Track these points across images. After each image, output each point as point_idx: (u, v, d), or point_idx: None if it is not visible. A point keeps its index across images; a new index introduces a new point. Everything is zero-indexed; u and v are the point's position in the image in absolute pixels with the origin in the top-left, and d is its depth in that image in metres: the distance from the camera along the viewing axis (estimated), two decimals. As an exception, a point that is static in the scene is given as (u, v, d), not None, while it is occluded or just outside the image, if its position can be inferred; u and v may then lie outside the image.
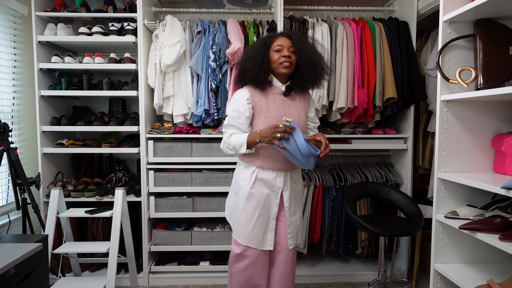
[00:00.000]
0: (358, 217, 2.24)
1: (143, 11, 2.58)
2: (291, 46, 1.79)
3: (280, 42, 1.78)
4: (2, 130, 2.20)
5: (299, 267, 2.87)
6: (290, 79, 1.87)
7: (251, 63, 1.79)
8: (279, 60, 1.77)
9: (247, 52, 1.85)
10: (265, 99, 1.81)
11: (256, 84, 1.80)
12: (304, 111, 1.88)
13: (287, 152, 1.71)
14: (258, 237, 1.84)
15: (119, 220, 2.36)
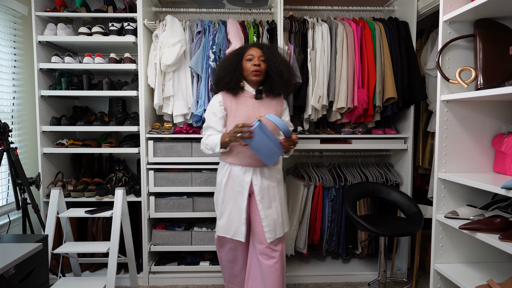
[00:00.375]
0: (358, 217, 2.24)
1: (143, 11, 2.58)
2: (261, 55, 2.01)
3: (252, 52, 2.02)
4: (2, 130, 2.20)
5: (299, 267, 2.87)
6: (262, 85, 2.07)
7: (225, 72, 2.02)
8: (250, 68, 1.99)
9: (222, 62, 2.09)
10: (236, 102, 2.03)
11: (228, 90, 2.04)
12: (275, 113, 2.05)
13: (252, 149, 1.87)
14: (232, 229, 2.05)
15: (119, 220, 2.36)
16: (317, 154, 3.10)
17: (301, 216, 2.81)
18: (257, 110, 2.02)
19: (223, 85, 2.04)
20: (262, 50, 2.02)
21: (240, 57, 2.04)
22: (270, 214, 2.03)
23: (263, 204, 2.03)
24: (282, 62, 2.02)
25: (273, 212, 2.04)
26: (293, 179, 2.92)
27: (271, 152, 1.87)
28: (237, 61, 2.03)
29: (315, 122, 2.97)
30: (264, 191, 2.03)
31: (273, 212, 2.04)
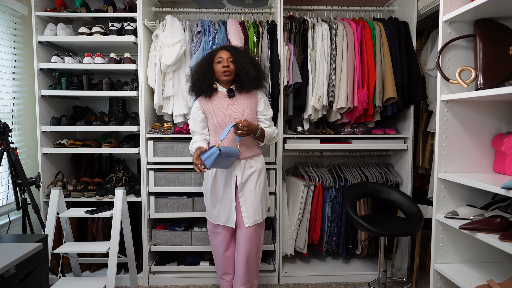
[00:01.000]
0: (358, 217, 2.24)
1: (143, 11, 2.58)
2: (229, 57, 2.18)
3: (221, 55, 2.19)
4: (2, 130, 2.20)
5: (299, 267, 2.87)
6: (233, 83, 2.24)
7: (197, 77, 2.22)
8: (220, 69, 2.17)
9: (194, 68, 2.28)
10: (211, 103, 2.22)
11: (202, 93, 2.23)
12: (249, 107, 2.22)
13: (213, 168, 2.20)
14: (224, 217, 2.26)
15: (119, 220, 2.36)
16: (317, 154, 3.10)
17: (301, 216, 2.81)
18: (231, 107, 2.20)
19: (196, 90, 2.24)
20: (230, 52, 2.20)
21: (211, 61, 2.22)
22: (249, 202, 2.22)
23: (243, 192, 2.23)
24: (249, 62, 2.19)
25: (252, 195, 2.23)
26: (293, 179, 2.92)
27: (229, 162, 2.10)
28: (207, 65, 2.21)
29: (315, 122, 2.97)
30: (245, 181, 2.23)
31: (252, 199, 2.22)
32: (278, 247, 2.74)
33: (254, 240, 2.24)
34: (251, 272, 2.28)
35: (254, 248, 2.24)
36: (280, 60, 2.62)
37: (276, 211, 2.75)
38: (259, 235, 2.28)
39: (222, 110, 2.19)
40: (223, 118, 2.18)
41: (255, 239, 2.25)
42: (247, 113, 2.20)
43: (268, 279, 2.76)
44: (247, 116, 2.19)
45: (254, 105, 2.24)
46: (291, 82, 2.66)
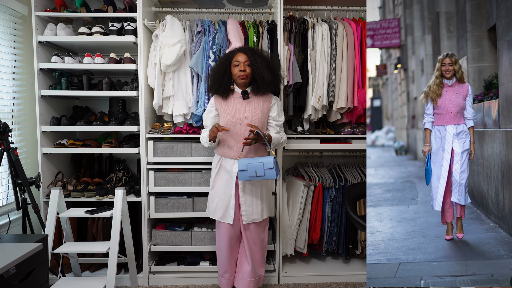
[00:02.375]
0: (358, 217, 2.24)
1: (143, 11, 2.58)
2: (246, 60, 2.23)
3: (238, 58, 2.24)
4: (2, 130, 2.20)
5: (299, 267, 2.87)
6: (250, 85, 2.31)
7: (215, 79, 2.29)
8: (237, 73, 2.23)
9: (213, 69, 2.35)
10: (225, 103, 2.30)
11: (219, 94, 2.31)
12: (260, 110, 2.27)
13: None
14: (220, 212, 2.33)
15: (119, 220, 2.36)
16: (317, 154, 3.10)
17: (301, 216, 2.80)
18: (243, 109, 2.27)
19: (214, 91, 2.33)
20: (247, 55, 2.24)
21: (228, 63, 2.27)
22: (249, 201, 2.30)
23: (244, 192, 2.30)
24: (265, 66, 2.23)
25: (253, 200, 2.31)
26: (293, 179, 2.92)
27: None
28: (225, 67, 2.27)
29: (315, 122, 2.97)
30: (246, 183, 2.29)
31: (252, 200, 2.30)
32: (278, 247, 2.74)
33: (255, 236, 2.35)
34: (256, 266, 2.39)
35: (257, 244, 2.36)
36: (280, 60, 2.62)
37: (276, 211, 2.75)
38: (261, 231, 2.38)
39: (234, 110, 2.27)
40: (233, 118, 2.26)
41: (256, 235, 2.35)
42: (257, 117, 2.26)
43: (268, 279, 2.76)
44: (256, 119, 2.25)
45: (266, 110, 2.31)
46: (291, 82, 2.66)
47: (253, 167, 2.16)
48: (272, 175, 2.17)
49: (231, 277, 2.44)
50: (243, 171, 2.18)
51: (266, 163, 2.17)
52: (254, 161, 2.18)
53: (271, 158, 2.17)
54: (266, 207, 2.38)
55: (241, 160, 2.20)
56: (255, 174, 2.16)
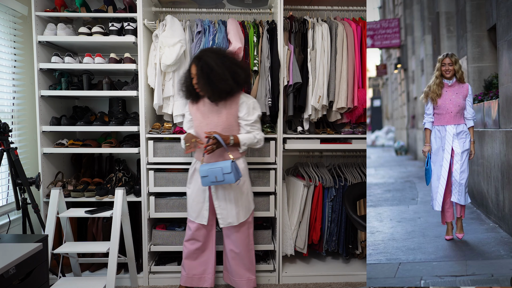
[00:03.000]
0: (358, 217, 2.24)
1: (143, 11, 2.58)
2: (195, 73, 2.22)
3: (192, 70, 2.24)
4: (2, 130, 2.20)
5: (299, 267, 2.87)
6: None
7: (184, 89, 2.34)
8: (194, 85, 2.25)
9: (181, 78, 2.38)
10: (196, 107, 2.35)
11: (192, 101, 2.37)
12: (226, 112, 2.27)
13: None
14: (194, 213, 2.39)
15: (119, 220, 2.36)
16: (317, 154, 3.10)
17: (301, 216, 2.80)
18: (210, 112, 2.30)
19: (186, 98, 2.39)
20: (197, 67, 2.21)
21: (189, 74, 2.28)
22: (223, 204, 2.33)
23: (217, 195, 2.33)
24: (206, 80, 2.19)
25: (227, 203, 2.33)
26: (293, 179, 2.92)
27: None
28: (188, 80, 2.29)
29: (315, 122, 2.97)
30: (219, 186, 2.31)
31: (226, 204, 2.33)
32: (278, 247, 2.74)
33: (242, 238, 2.38)
34: (245, 267, 2.42)
35: (243, 245, 2.39)
36: (280, 60, 2.62)
37: (276, 211, 2.75)
38: (243, 234, 2.39)
39: (202, 114, 2.32)
40: (201, 122, 2.32)
41: (243, 238, 2.39)
42: (223, 119, 2.28)
43: (268, 279, 2.76)
44: (222, 121, 2.27)
45: (234, 110, 2.30)
46: (291, 82, 2.66)
47: (213, 173, 2.18)
48: (230, 179, 2.17)
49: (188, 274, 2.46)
50: (204, 177, 2.21)
51: (224, 167, 2.17)
52: (214, 166, 2.19)
53: (228, 163, 2.17)
54: (242, 210, 2.36)
55: (202, 166, 2.21)
56: (215, 179, 2.18)
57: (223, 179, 2.18)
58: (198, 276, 2.47)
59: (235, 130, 2.32)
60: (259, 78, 2.63)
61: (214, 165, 2.20)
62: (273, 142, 2.71)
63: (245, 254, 2.42)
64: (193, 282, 2.47)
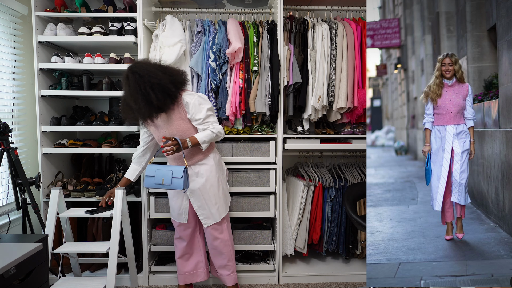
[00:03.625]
0: (358, 217, 2.24)
1: (143, 11, 2.58)
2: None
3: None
4: (2, 130, 2.20)
5: (299, 267, 2.87)
6: None
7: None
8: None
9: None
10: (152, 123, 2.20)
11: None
12: (175, 118, 2.17)
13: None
14: (175, 212, 2.42)
15: (119, 220, 2.36)
16: (317, 154, 3.10)
17: (301, 216, 2.80)
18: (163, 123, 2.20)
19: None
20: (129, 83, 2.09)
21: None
22: (202, 205, 2.32)
23: (194, 197, 2.32)
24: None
25: (204, 203, 2.31)
26: (293, 179, 2.92)
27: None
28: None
29: (315, 122, 2.97)
30: (192, 187, 2.29)
31: (205, 203, 2.31)
32: (278, 247, 2.74)
33: (216, 235, 2.38)
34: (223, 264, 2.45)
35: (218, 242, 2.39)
36: (280, 60, 2.62)
37: (276, 211, 2.75)
38: (220, 230, 2.40)
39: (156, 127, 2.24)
40: (158, 136, 2.27)
41: (216, 234, 2.38)
42: (174, 126, 2.19)
43: (268, 279, 2.76)
44: (175, 128, 2.18)
45: (182, 114, 2.20)
46: (291, 82, 2.66)
47: (160, 174, 2.13)
48: (179, 185, 2.12)
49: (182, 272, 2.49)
50: (149, 177, 2.14)
51: (175, 171, 2.12)
52: (164, 168, 2.15)
53: (181, 168, 2.13)
54: (221, 205, 2.36)
55: (150, 165, 2.17)
56: (162, 181, 2.12)
57: (170, 183, 2.12)
58: (191, 273, 2.51)
59: (193, 132, 2.23)
60: (259, 78, 2.63)
61: (165, 166, 2.19)
62: (273, 142, 2.71)
63: (222, 250, 2.42)
64: (187, 279, 2.51)
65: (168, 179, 2.12)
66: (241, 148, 2.70)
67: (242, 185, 2.72)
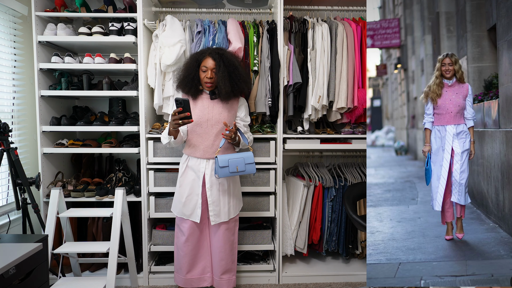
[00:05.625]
0: (358, 217, 2.24)
1: (143, 11, 2.58)
2: (213, 68, 2.23)
3: (206, 64, 2.24)
4: (2, 130, 2.20)
5: (299, 267, 2.87)
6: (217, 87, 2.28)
7: (185, 82, 2.28)
8: (204, 79, 2.25)
9: (183, 70, 2.32)
10: (193, 103, 2.30)
11: (189, 95, 2.32)
12: (227, 110, 2.30)
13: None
14: (188, 210, 2.34)
15: (119, 220, 2.36)
16: (317, 154, 3.10)
17: (301, 216, 2.80)
18: (211, 108, 2.29)
19: (185, 92, 2.32)
20: (216, 61, 2.23)
21: (197, 65, 2.27)
22: (216, 200, 2.32)
23: (212, 191, 2.32)
24: (227, 77, 2.23)
25: (220, 199, 2.33)
26: (293, 179, 2.92)
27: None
28: (194, 70, 2.27)
29: (315, 122, 2.97)
30: (213, 181, 2.31)
31: (219, 199, 2.33)
32: (278, 247, 2.74)
33: (228, 236, 2.39)
34: (227, 267, 2.41)
35: (228, 244, 2.39)
36: (280, 60, 2.62)
37: (276, 211, 2.75)
38: (230, 231, 2.41)
39: (201, 110, 2.29)
40: (200, 118, 2.28)
41: (228, 235, 2.39)
42: (224, 115, 2.29)
43: (268, 279, 2.76)
44: (223, 118, 2.28)
45: (233, 110, 2.35)
46: (291, 82, 2.66)
47: (234, 163, 2.21)
48: (252, 169, 2.25)
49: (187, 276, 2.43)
50: (223, 168, 2.20)
51: (246, 158, 2.24)
52: (235, 157, 2.22)
53: (250, 153, 2.26)
54: (233, 206, 2.39)
55: (220, 156, 2.21)
56: (237, 169, 2.21)
57: (244, 169, 2.23)
58: (197, 277, 2.44)
59: None
60: (259, 78, 2.63)
61: (234, 155, 2.23)
62: (273, 142, 2.71)
63: (229, 252, 2.41)
64: (193, 283, 2.44)
65: (242, 165, 2.22)
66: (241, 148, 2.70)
67: (242, 185, 2.72)
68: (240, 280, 2.73)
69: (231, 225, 2.41)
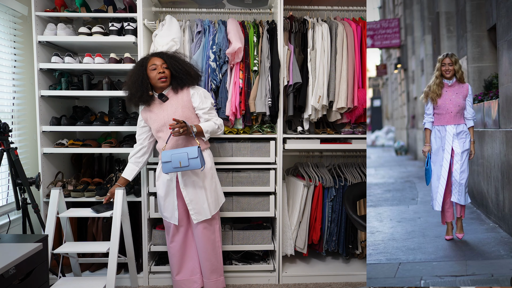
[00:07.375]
0: (358, 217, 2.24)
1: (143, 11, 2.58)
2: (163, 63, 2.24)
3: (154, 62, 2.24)
4: (2, 130, 2.20)
5: (299, 267, 2.87)
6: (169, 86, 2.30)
7: (135, 86, 2.23)
8: (157, 76, 2.22)
9: (128, 77, 2.30)
10: (149, 111, 2.32)
11: (143, 102, 2.30)
12: (180, 106, 2.27)
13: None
14: (168, 214, 2.39)
15: (119, 220, 2.36)
16: (317, 154, 3.10)
17: (301, 216, 2.80)
18: (165, 111, 2.28)
19: (136, 100, 2.28)
20: (163, 58, 2.25)
21: (144, 68, 2.25)
22: (194, 198, 2.31)
23: (187, 190, 2.31)
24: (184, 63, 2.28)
25: (197, 197, 2.31)
26: (293, 179, 2.92)
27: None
28: (142, 73, 2.24)
29: (315, 122, 2.97)
30: (187, 180, 2.30)
31: (197, 197, 2.31)
32: (278, 247, 2.74)
33: (208, 235, 2.37)
34: (212, 268, 2.41)
35: (209, 243, 2.37)
36: (280, 60, 2.62)
37: (276, 211, 2.75)
38: (209, 230, 2.38)
39: (157, 115, 2.29)
40: (159, 123, 2.28)
41: (208, 234, 2.37)
42: (179, 113, 2.26)
43: (268, 279, 2.76)
44: (178, 116, 2.25)
45: (187, 103, 2.30)
46: (291, 82, 2.66)
47: (177, 158, 2.14)
48: (196, 164, 2.13)
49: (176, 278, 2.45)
50: (166, 163, 2.16)
51: (190, 152, 2.14)
52: (178, 152, 2.16)
53: (195, 147, 2.15)
54: (212, 202, 2.35)
55: (164, 152, 2.18)
56: (179, 164, 2.13)
57: (188, 164, 2.13)
58: (187, 279, 2.46)
59: (195, 122, 2.30)
60: (259, 78, 2.63)
61: (178, 150, 2.17)
62: (273, 142, 2.71)
63: (211, 252, 2.39)
64: (183, 286, 2.46)
65: (185, 160, 2.13)
66: (241, 148, 2.70)
67: (242, 185, 2.72)
68: (240, 280, 2.73)
69: (209, 223, 2.38)
